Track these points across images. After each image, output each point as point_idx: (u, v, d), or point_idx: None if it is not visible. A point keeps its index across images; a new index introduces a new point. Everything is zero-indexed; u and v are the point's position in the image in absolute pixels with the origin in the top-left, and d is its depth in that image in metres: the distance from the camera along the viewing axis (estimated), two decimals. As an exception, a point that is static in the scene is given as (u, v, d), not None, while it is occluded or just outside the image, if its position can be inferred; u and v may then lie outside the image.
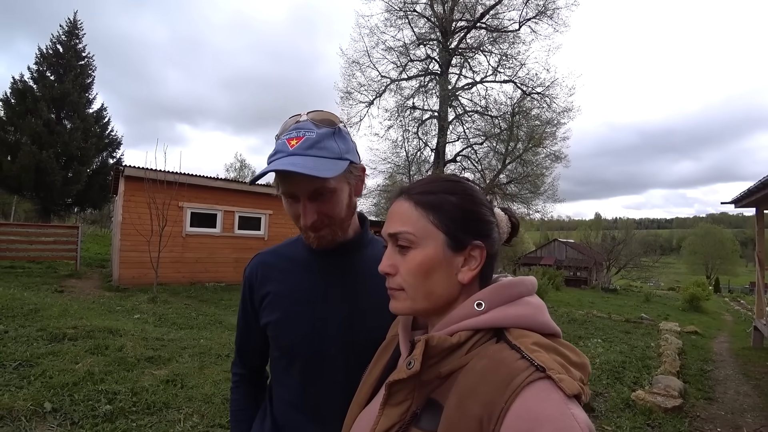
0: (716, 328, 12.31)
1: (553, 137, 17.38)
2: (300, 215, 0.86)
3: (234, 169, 48.22)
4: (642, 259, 39.63)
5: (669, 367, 5.77)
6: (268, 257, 1.01)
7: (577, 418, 0.48)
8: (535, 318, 0.60)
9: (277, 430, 0.96)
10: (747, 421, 4.40)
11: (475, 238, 0.63)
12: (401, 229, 0.64)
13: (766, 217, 8.63)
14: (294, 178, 0.81)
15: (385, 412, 0.61)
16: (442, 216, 0.63)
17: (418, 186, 0.67)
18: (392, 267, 0.65)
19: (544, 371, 0.51)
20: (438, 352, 0.59)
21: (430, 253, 0.62)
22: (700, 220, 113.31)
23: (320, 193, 0.85)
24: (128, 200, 9.66)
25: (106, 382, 3.39)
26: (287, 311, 0.93)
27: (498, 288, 0.62)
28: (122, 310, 6.99)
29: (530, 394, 0.49)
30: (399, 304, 0.66)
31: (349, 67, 18.52)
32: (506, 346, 0.56)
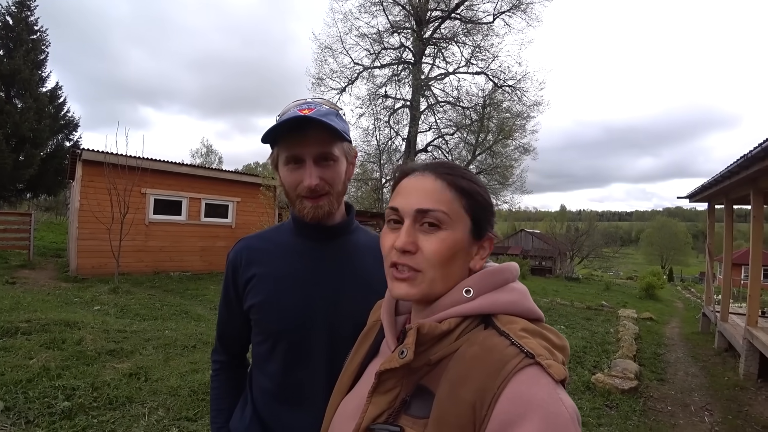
0: (669, 314, 13.07)
1: (523, 130, 17.78)
2: (301, 181, 0.88)
3: (200, 155, 46.72)
4: (603, 250, 41.48)
5: (626, 351, 6.09)
6: (252, 241, 1.01)
7: (564, 403, 0.50)
8: (522, 304, 0.61)
9: (258, 418, 0.96)
10: (694, 399, 4.72)
11: (491, 229, 0.66)
12: (436, 207, 0.61)
13: (716, 212, 9.17)
14: (306, 138, 0.86)
15: (374, 400, 0.61)
16: (473, 203, 0.64)
17: (445, 167, 0.65)
18: (413, 245, 0.61)
19: (533, 357, 0.52)
20: (428, 339, 0.59)
21: (459, 237, 0.62)
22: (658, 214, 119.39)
23: (325, 158, 0.88)
24: (86, 186, 9.17)
25: (63, 377, 3.24)
26: (272, 293, 0.93)
27: (485, 275, 0.63)
28: (80, 301, 6.68)
29: (521, 380, 0.50)
30: (411, 288, 0.61)
31: (321, 52, 18.20)
32: (495, 332, 0.57)
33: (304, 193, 0.89)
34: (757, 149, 4.41)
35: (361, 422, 0.61)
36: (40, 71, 20.28)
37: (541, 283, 20.96)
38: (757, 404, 4.62)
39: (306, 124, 0.84)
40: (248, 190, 11.80)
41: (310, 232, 0.97)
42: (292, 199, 0.92)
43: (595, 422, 3.73)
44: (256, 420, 0.96)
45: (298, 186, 0.89)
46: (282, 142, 0.89)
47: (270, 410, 0.95)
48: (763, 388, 5.10)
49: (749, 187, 5.87)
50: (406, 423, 0.57)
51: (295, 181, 0.89)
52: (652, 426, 3.84)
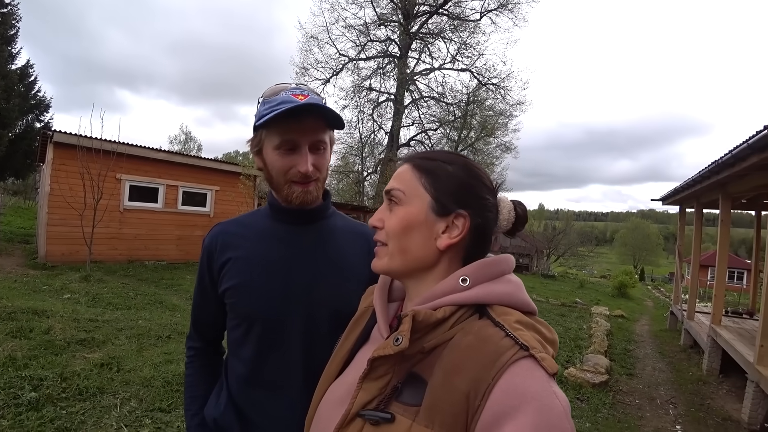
0: (639, 312, 13.52)
1: (505, 128, 17.99)
2: (293, 166, 0.88)
3: (179, 142, 45.52)
4: (579, 249, 42.46)
5: (598, 346, 6.28)
6: (228, 226, 1.01)
7: (558, 396, 0.50)
8: (517, 296, 0.62)
9: (233, 404, 0.95)
10: (660, 393, 4.92)
11: (462, 208, 0.64)
12: (394, 186, 0.67)
13: (687, 215, 9.51)
14: (305, 124, 0.86)
15: (364, 386, 0.60)
16: (434, 180, 0.65)
17: (423, 153, 0.70)
18: (380, 221, 0.68)
19: (527, 350, 0.52)
20: (423, 327, 0.59)
21: (413, 211, 0.64)
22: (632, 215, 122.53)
23: (317, 147, 0.90)
24: (57, 169, 8.82)
25: (30, 367, 3.13)
26: (247, 276, 0.92)
27: (482, 265, 0.63)
28: (49, 289, 6.45)
29: (516, 372, 0.51)
30: (378, 260, 0.68)
31: (306, 42, 17.95)
32: (490, 323, 0.57)
33: (295, 178, 0.89)
34: (727, 156, 4.57)
35: (350, 408, 0.60)
36: (9, 47, 19.27)
37: (518, 279, 21.33)
38: (718, 398, 4.84)
39: (308, 110, 0.85)
40: (227, 179, 11.58)
41: (287, 217, 0.97)
42: (280, 184, 0.91)
43: (567, 415, 3.84)
44: (231, 406, 0.95)
45: (289, 171, 0.89)
46: (274, 127, 0.87)
47: (245, 396, 0.94)
48: (724, 382, 5.35)
49: (719, 192, 6.10)
50: (397, 410, 0.57)
51: (287, 166, 0.89)
52: (620, 418, 3.98)
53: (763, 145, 3.78)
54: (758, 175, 4.67)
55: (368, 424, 0.58)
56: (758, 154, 3.94)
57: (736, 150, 4.32)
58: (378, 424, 0.57)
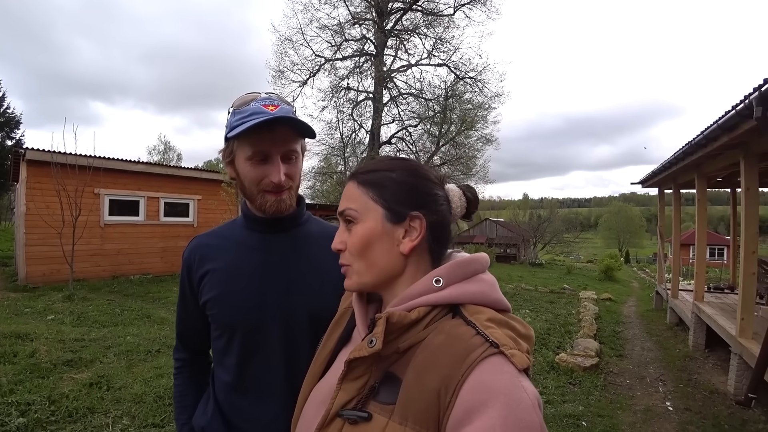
0: (626, 294, 13.80)
1: (485, 121, 18.10)
2: (266, 176, 0.89)
3: (158, 152, 44.68)
4: (564, 235, 43.15)
5: (587, 330, 6.40)
6: (205, 239, 1.03)
7: (527, 390, 0.51)
8: (489, 295, 0.63)
9: (220, 412, 0.96)
10: (649, 371, 5.04)
11: (414, 209, 0.65)
12: (346, 206, 0.67)
13: (666, 196, 9.73)
14: (276, 135, 0.87)
15: (343, 387, 0.62)
16: (381, 191, 0.66)
17: (364, 167, 0.70)
18: (342, 243, 0.68)
19: (497, 347, 0.54)
20: (398, 328, 0.60)
21: (369, 226, 0.65)
22: (614, 199, 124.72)
23: (289, 157, 0.92)
24: (32, 188, 8.59)
25: (16, 392, 3.06)
26: (225, 287, 0.94)
27: (455, 265, 0.64)
28: (32, 311, 6.29)
29: (484, 369, 0.52)
30: (348, 281, 0.68)
31: (281, 44, 17.75)
32: (462, 322, 0.58)
33: (268, 188, 0.90)
34: (699, 137, 4.70)
35: (330, 408, 0.62)
36: (-27, 65, 18.71)
37: (506, 269, 21.60)
38: (705, 372, 4.99)
39: (279, 122, 0.86)
40: (209, 187, 11.42)
41: (261, 226, 0.98)
42: (253, 194, 0.93)
43: (560, 399, 3.91)
44: (218, 414, 0.96)
45: (262, 181, 0.90)
46: (246, 138, 0.87)
47: (231, 404, 0.96)
48: (709, 357, 5.50)
49: (694, 172, 6.27)
50: (374, 409, 0.58)
51: (259, 176, 0.90)
52: (612, 399, 4.07)
53: (732, 125, 3.89)
54: (730, 153, 4.81)
55: (347, 424, 0.59)
56: (728, 133, 4.06)
57: (707, 131, 4.45)
58: (356, 423, 0.58)
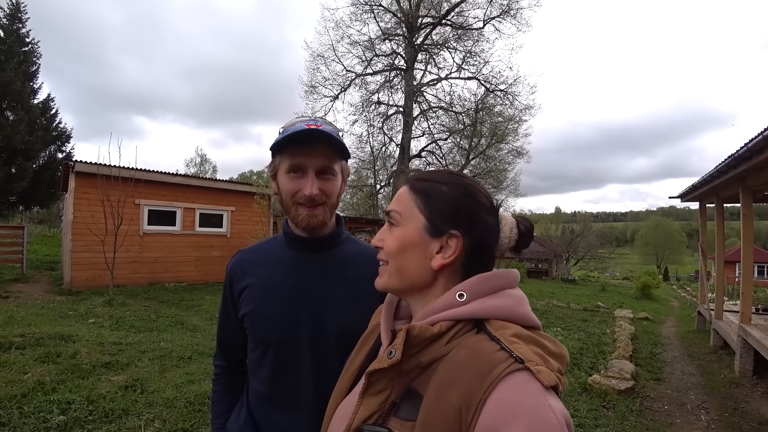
0: (665, 313, 13.13)
1: (516, 133, 17.91)
2: (300, 189, 0.93)
3: (194, 165, 46.55)
4: (599, 251, 41.65)
5: (622, 351, 6.11)
6: (247, 254, 1.07)
7: (554, 409, 0.48)
8: (515, 310, 0.61)
9: (252, 420, 1.00)
10: (690, 398, 4.75)
11: (455, 228, 0.64)
12: (392, 208, 0.70)
13: (708, 210, 9.27)
14: (312, 150, 0.92)
15: (364, 402, 0.61)
16: (428, 202, 0.66)
17: (420, 174, 0.72)
18: (381, 241, 0.70)
19: (522, 363, 0.51)
20: (419, 341, 0.59)
21: (409, 232, 0.66)
22: (652, 214, 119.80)
23: (325, 172, 0.95)
24: (80, 198, 9.13)
25: (58, 391, 3.22)
26: (262, 302, 0.98)
27: (479, 280, 0.63)
28: (75, 314, 6.62)
29: (508, 385, 0.50)
30: (379, 278, 0.71)
31: (313, 60, 18.29)
32: (486, 337, 0.57)
33: (301, 201, 0.94)
34: (743, 149, 4.48)
35: (351, 423, 0.61)
36: (31, 83, 20.18)
37: (537, 285, 21.02)
38: (753, 401, 4.65)
39: (315, 137, 0.91)
40: (242, 199, 11.79)
41: (300, 245, 1.01)
42: (288, 206, 0.97)
43: (593, 423, 3.74)
44: (250, 422, 1.00)
45: (297, 193, 0.94)
46: (287, 152, 0.94)
47: (262, 413, 0.99)
48: (758, 384, 5.14)
49: (738, 186, 5.95)
50: (395, 425, 0.57)
51: (294, 189, 0.94)
52: (648, 426, 3.85)
53: (778, 137, 3.70)
54: (777, 167, 4.56)
55: None
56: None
57: (751, 143, 4.23)
58: None
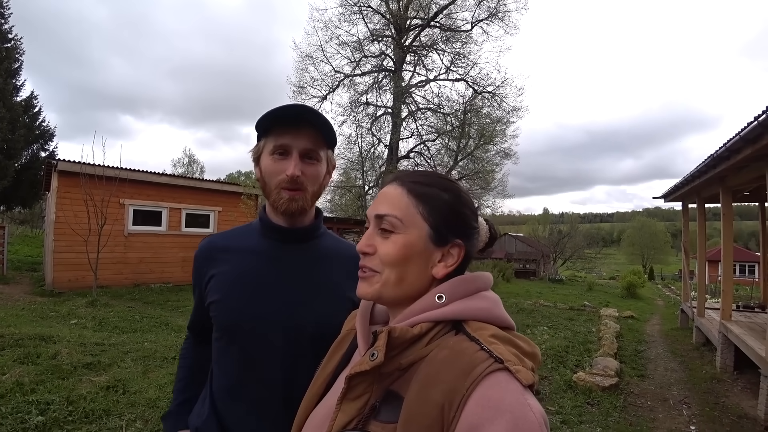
0: (650, 312, 13.34)
1: (503, 135, 18.04)
2: (283, 171, 0.91)
3: (182, 165, 45.99)
4: (586, 251, 42.18)
5: (607, 349, 6.20)
6: (217, 239, 1.03)
7: (532, 408, 0.50)
8: (492, 311, 0.62)
9: (215, 413, 0.95)
10: (673, 393, 4.83)
11: (458, 237, 0.65)
12: (389, 212, 0.64)
13: (690, 211, 9.46)
14: (299, 132, 0.90)
15: (343, 407, 0.60)
16: (432, 209, 0.64)
17: (414, 176, 0.68)
18: (371, 246, 0.65)
19: (502, 363, 0.53)
20: (400, 343, 0.59)
21: (412, 240, 0.63)
22: (638, 214, 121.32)
23: (310, 156, 0.93)
24: (62, 197, 8.95)
25: (37, 392, 3.16)
26: (229, 292, 0.94)
27: (458, 282, 0.64)
28: (57, 315, 6.49)
29: (490, 384, 0.51)
30: (368, 287, 0.65)
31: (302, 61, 18.21)
32: (465, 337, 0.58)
33: (284, 184, 0.91)
34: (722, 149, 4.58)
35: (330, 430, 0.60)
36: (14, 80, 19.72)
37: (525, 285, 21.19)
38: (733, 395, 4.75)
39: (304, 114, 0.89)
40: (229, 199, 11.69)
41: (276, 234, 0.98)
42: (270, 190, 0.94)
43: (577, 420, 3.78)
44: (213, 416, 0.95)
45: (279, 175, 0.91)
46: (272, 133, 0.92)
47: (226, 407, 0.95)
48: (738, 379, 5.25)
49: (718, 186, 6.08)
50: (376, 429, 0.57)
51: (277, 170, 0.92)
52: (632, 421, 3.91)
53: (755, 136, 3.79)
54: (756, 166, 4.66)
55: None
56: (751, 145, 3.95)
57: (729, 142, 4.33)
58: None
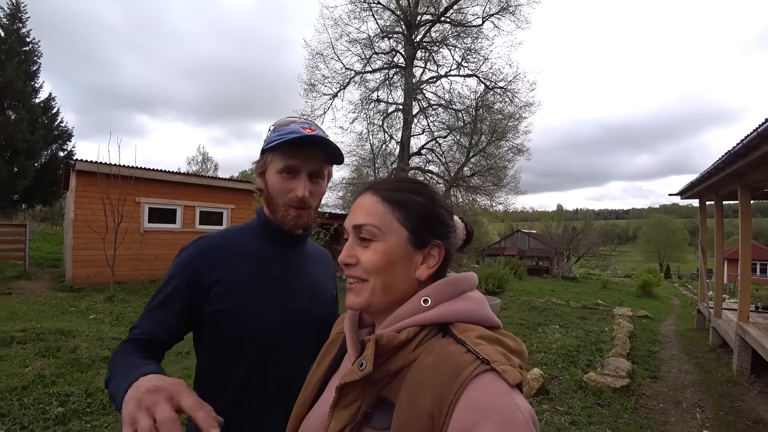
0: (665, 311, 13.11)
1: (516, 131, 17.83)
2: (292, 190, 0.94)
3: (196, 163, 46.60)
4: (600, 248, 41.52)
5: (620, 349, 6.13)
6: (217, 241, 0.98)
7: (520, 407, 0.51)
8: (478, 312, 0.63)
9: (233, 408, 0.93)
10: (687, 396, 4.76)
11: (436, 237, 0.66)
12: (366, 222, 0.65)
13: (708, 208, 9.25)
14: (309, 152, 0.94)
15: (336, 414, 0.61)
16: (407, 213, 0.65)
17: (386, 183, 0.69)
18: (353, 257, 0.66)
19: (488, 363, 0.53)
20: (388, 350, 0.59)
21: (392, 247, 0.64)
22: (654, 211, 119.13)
23: (317, 176, 0.97)
24: (80, 196, 9.18)
25: (57, 384, 3.28)
26: (237, 299, 0.92)
27: (443, 284, 0.64)
28: (76, 310, 6.68)
29: (477, 387, 0.52)
30: (356, 298, 0.66)
31: (312, 58, 18.24)
32: (452, 340, 0.58)
33: (292, 202, 0.95)
34: (739, 145, 4.48)
35: None
36: (33, 82, 20.28)
37: (537, 283, 21.00)
38: (749, 399, 4.66)
39: (313, 141, 0.93)
40: (242, 197, 11.83)
41: (278, 237, 1.01)
42: (277, 205, 0.96)
43: (586, 421, 3.76)
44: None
45: (288, 194, 0.94)
46: (281, 152, 0.94)
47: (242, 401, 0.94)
48: (755, 383, 5.14)
49: (736, 183, 5.94)
50: None
51: (286, 189, 0.95)
52: (643, 424, 3.87)
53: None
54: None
55: None
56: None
57: (746, 139, 4.23)
58: None
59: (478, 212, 19.12)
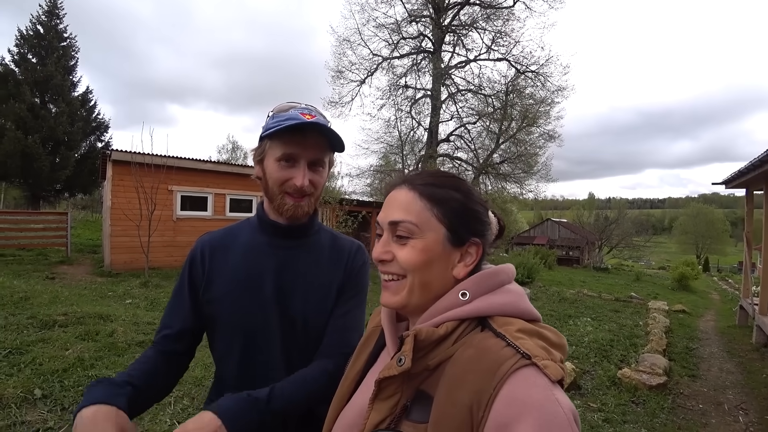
0: (704, 306, 12.56)
1: (547, 116, 17.29)
2: (290, 179, 0.91)
3: (226, 151, 47.60)
4: (634, 239, 40.10)
5: (655, 345, 5.89)
6: (215, 235, 1.04)
7: (561, 404, 0.49)
8: (518, 305, 0.61)
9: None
10: (728, 397, 4.52)
11: (474, 235, 0.65)
12: (404, 218, 0.63)
13: (756, 198, 8.70)
14: (308, 141, 0.91)
15: (375, 407, 0.61)
16: (446, 211, 0.64)
17: (422, 177, 0.67)
18: (388, 253, 0.65)
19: (529, 358, 0.52)
20: (426, 344, 0.59)
21: (430, 244, 0.63)
22: (693, 200, 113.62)
23: (316, 164, 0.94)
24: (117, 185, 9.53)
25: (96, 367, 3.41)
26: (227, 289, 0.95)
27: (481, 277, 0.63)
28: (114, 295, 6.98)
29: (517, 381, 0.50)
30: (394, 296, 0.65)
31: (339, 45, 18.17)
32: (491, 334, 0.57)
33: (290, 190, 0.93)
34: (798, 132, 4.12)
35: (363, 429, 0.61)
36: (71, 76, 21.12)
37: (568, 273, 20.50)
38: (797, 402, 4.39)
39: (312, 128, 0.89)
40: (271, 185, 12.00)
41: (274, 230, 0.99)
42: (274, 194, 0.95)
43: (620, 419, 3.63)
44: None
45: (286, 183, 0.92)
46: (279, 139, 0.91)
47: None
48: (804, 384, 4.84)
49: (790, 172, 5.53)
50: (407, 428, 0.57)
51: (284, 178, 0.92)
52: (681, 425, 3.70)
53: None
54: (836, 152, 4.18)
55: None
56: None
57: (807, 126, 3.89)
58: None
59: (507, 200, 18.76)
